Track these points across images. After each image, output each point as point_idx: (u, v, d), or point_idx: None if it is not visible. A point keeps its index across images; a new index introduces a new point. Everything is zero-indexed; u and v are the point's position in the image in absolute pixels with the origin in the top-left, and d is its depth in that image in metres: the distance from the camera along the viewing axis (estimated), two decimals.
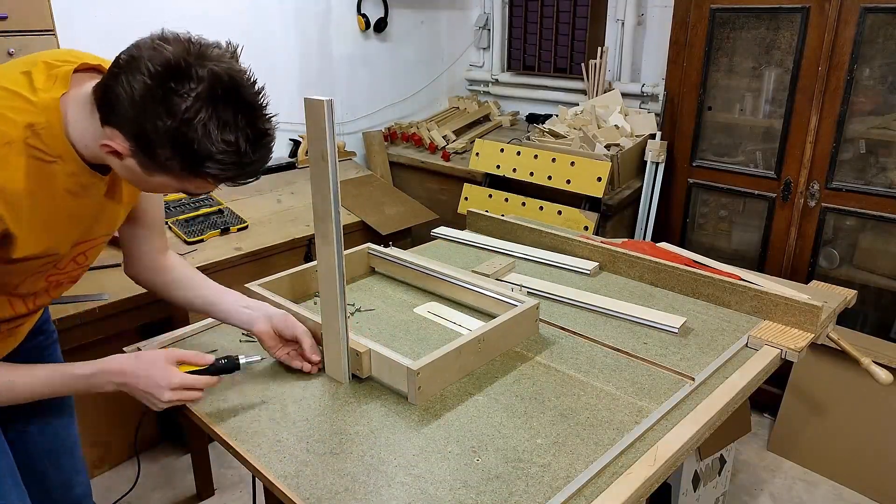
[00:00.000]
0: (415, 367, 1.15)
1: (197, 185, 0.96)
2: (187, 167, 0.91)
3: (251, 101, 0.92)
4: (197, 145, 0.87)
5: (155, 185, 0.98)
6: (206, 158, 0.89)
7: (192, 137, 0.87)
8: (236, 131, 0.89)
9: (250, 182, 0.99)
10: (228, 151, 0.90)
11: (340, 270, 1.17)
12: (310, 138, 1.10)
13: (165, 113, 0.86)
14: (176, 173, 0.93)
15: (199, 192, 1.00)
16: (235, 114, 0.89)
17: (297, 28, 3.07)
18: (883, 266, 2.38)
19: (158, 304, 1.97)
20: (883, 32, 2.18)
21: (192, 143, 0.87)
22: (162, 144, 0.88)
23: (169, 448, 2.42)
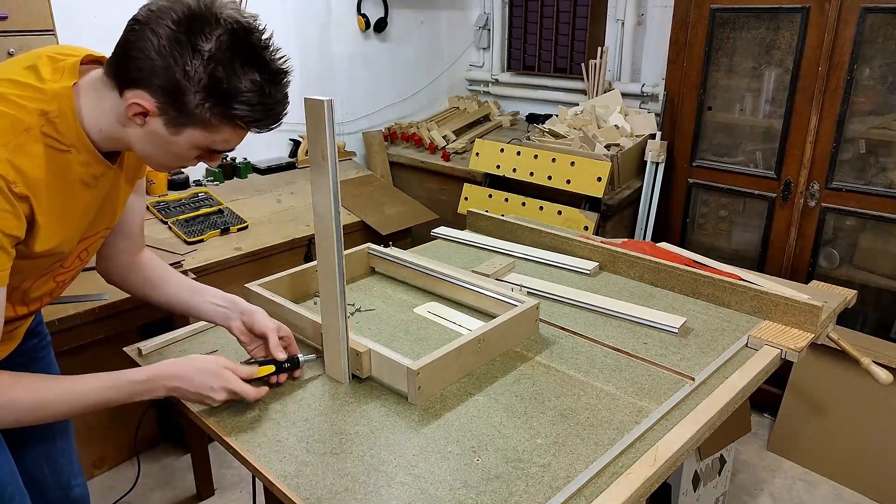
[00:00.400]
0: (415, 367, 1.15)
1: (225, 135, 0.99)
2: (218, 110, 0.94)
3: (266, 44, 0.96)
4: (226, 84, 0.92)
5: (181, 146, 0.99)
6: (235, 98, 0.93)
7: (220, 77, 0.91)
8: (258, 71, 0.94)
9: (272, 128, 1.02)
10: (254, 91, 0.94)
11: (340, 270, 1.17)
12: (310, 138, 1.10)
13: (193, 56, 0.90)
14: (205, 122, 0.95)
15: (223, 147, 1.02)
16: (254, 55, 0.94)
17: (297, 28, 3.07)
18: (883, 266, 2.38)
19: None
20: (883, 32, 2.18)
21: (222, 82, 0.91)
22: (192, 89, 0.91)
23: (169, 448, 2.42)
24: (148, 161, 1.07)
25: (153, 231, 2.29)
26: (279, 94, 0.99)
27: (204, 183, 2.73)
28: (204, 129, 0.97)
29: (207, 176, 2.77)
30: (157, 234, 2.27)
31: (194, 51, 0.90)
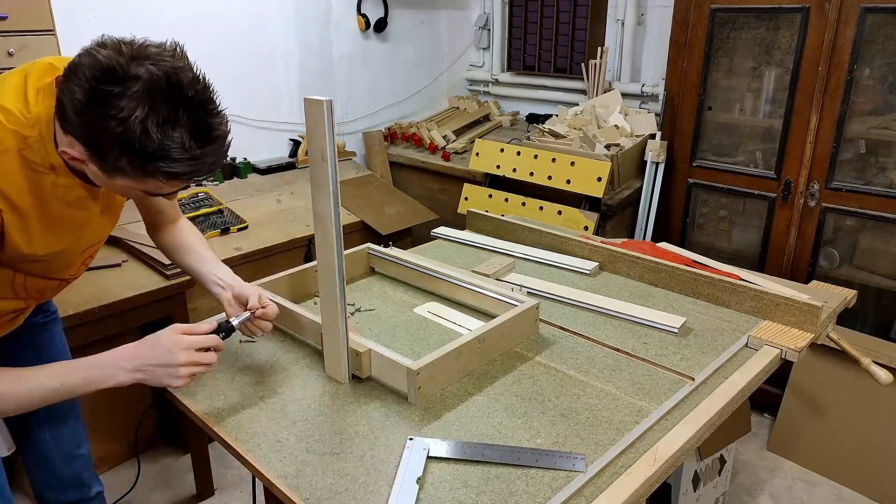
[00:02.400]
0: (415, 367, 1.15)
1: (154, 185, 0.97)
2: (138, 167, 0.92)
3: (192, 97, 0.91)
4: (138, 144, 0.88)
5: (119, 188, 1.00)
6: (153, 157, 0.90)
7: (132, 137, 0.88)
8: (178, 128, 0.90)
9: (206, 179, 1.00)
10: (173, 148, 0.90)
11: (340, 271, 1.16)
12: (309, 138, 1.10)
13: (104, 115, 0.87)
14: (130, 174, 0.94)
15: (160, 192, 1.00)
16: (175, 110, 0.89)
17: (296, 28, 3.07)
18: (883, 266, 2.38)
19: (158, 303, 1.97)
20: (883, 32, 2.18)
21: (134, 143, 0.88)
22: (108, 147, 0.90)
23: (169, 448, 2.42)
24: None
25: None
26: (206, 150, 0.94)
27: (204, 183, 2.73)
28: (131, 180, 0.95)
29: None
30: None
31: (106, 111, 0.87)
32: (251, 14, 2.88)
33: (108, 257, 2.06)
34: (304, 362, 1.32)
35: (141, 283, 1.95)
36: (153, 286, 1.95)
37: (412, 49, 3.60)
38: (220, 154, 0.97)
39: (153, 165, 0.91)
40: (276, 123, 3.06)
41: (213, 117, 0.94)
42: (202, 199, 2.51)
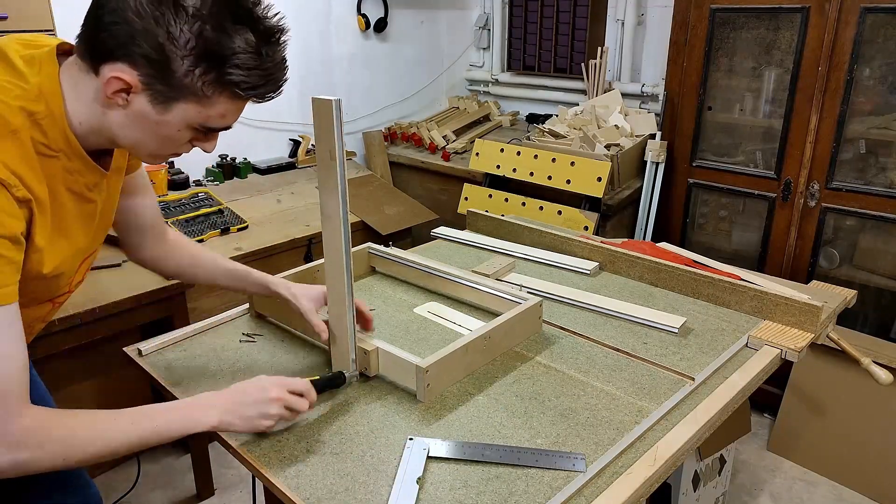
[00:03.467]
0: (423, 365, 1.15)
1: (221, 107, 0.89)
2: (211, 76, 0.85)
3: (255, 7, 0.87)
4: (217, 45, 0.83)
5: (171, 126, 0.89)
6: (228, 61, 0.84)
7: (210, 37, 0.82)
8: (250, 30, 0.85)
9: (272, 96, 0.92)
10: (249, 52, 0.85)
11: (349, 270, 1.16)
12: (318, 138, 1.09)
13: (177, 14, 0.80)
14: (198, 93, 0.86)
15: (220, 124, 0.92)
16: (245, 11, 0.85)
17: (296, 28, 3.06)
18: (883, 266, 2.38)
19: (158, 303, 1.97)
20: (883, 32, 2.18)
21: (212, 43, 0.82)
22: (179, 54, 0.82)
23: (169, 448, 2.42)
24: (136, 150, 0.96)
25: None
26: (277, 56, 0.89)
27: (204, 183, 2.73)
28: (197, 101, 0.87)
29: (207, 176, 2.77)
30: None
31: (177, 8, 0.80)
32: None
33: (108, 257, 2.06)
34: (304, 362, 1.32)
35: (141, 283, 1.95)
36: (153, 286, 1.95)
37: (412, 49, 3.60)
38: (285, 65, 0.93)
39: (227, 73, 0.85)
40: (277, 123, 3.06)
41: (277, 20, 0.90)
42: (202, 199, 2.51)
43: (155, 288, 1.94)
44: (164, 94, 0.86)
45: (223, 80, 0.86)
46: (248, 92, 0.89)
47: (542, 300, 1.42)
